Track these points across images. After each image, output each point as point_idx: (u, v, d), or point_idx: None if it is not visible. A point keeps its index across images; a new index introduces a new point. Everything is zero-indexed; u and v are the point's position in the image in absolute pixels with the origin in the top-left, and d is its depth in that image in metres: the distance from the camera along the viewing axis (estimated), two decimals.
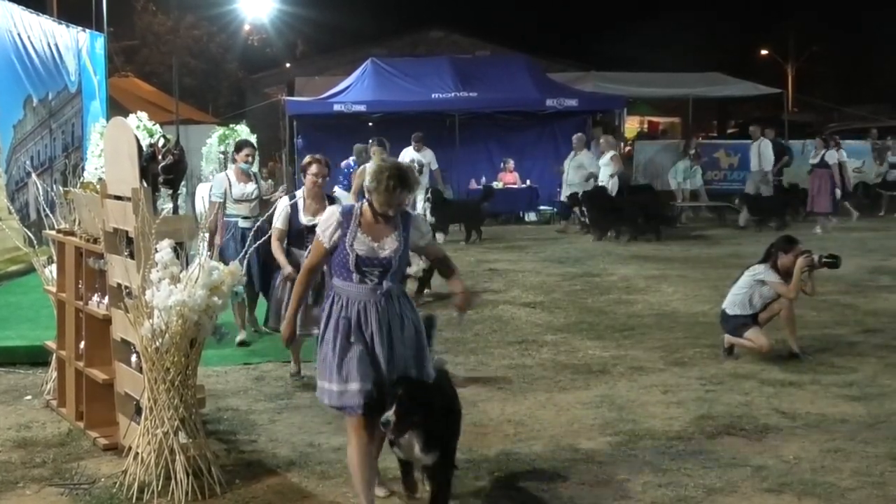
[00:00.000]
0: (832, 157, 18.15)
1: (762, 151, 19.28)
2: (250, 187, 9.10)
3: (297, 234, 7.45)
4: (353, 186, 12.19)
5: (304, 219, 7.43)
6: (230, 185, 9.05)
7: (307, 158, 7.75)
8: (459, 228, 17.47)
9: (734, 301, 8.39)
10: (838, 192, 18.22)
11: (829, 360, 8.05)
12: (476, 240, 16.90)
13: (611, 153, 18.20)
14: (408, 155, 17.00)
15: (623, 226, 16.98)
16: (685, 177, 20.53)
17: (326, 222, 4.87)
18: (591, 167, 18.24)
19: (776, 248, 8.38)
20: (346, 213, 4.86)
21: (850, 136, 22.62)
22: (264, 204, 8.87)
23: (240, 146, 9.45)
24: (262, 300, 8.88)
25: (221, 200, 8.97)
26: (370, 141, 13.82)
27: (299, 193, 7.60)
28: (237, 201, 8.98)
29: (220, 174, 9.86)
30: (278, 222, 7.45)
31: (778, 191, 19.51)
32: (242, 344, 8.80)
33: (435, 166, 17.66)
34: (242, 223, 8.92)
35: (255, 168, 9.66)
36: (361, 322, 4.81)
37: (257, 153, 17.79)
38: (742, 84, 25.70)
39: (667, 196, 20.15)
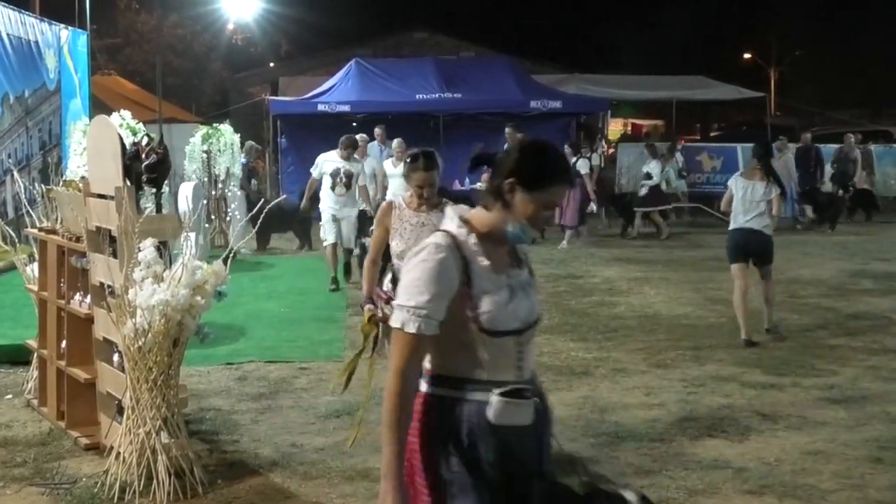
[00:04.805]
0: (584, 165, 16.65)
1: None
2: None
3: None
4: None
5: None
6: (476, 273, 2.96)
7: None
8: None
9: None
10: (593, 206, 17.11)
11: (809, 363, 8.09)
12: None
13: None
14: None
15: None
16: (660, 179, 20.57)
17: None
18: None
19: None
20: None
21: (832, 140, 22.72)
22: None
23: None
24: None
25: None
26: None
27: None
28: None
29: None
30: None
31: None
32: None
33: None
34: None
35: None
36: None
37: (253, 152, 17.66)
38: (725, 87, 25.84)
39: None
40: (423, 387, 2.91)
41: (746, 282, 9.01)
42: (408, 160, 5.62)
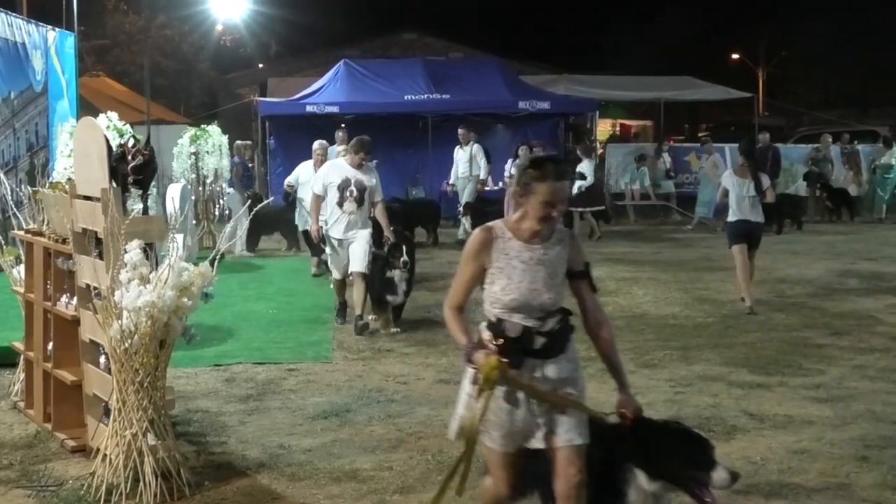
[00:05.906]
0: None
1: (474, 155, 17.33)
2: None
3: None
4: None
5: None
6: None
7: None
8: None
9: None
10: None
11: (796, 363, 8.12)
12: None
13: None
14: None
15: None
16: (632, 178, 21.79)
17: None
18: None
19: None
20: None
21: (818, 140, 22.79)
22: None
23: None
24: None
25: None
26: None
27: None
28: None
29: None
30: None
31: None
32: None
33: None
34: None
35: None
36: None
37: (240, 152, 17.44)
38: (713, 88, 25.93)
39: None
40: None
41: (746, 258, 10.40)
42: (527, 168, 4.05)
